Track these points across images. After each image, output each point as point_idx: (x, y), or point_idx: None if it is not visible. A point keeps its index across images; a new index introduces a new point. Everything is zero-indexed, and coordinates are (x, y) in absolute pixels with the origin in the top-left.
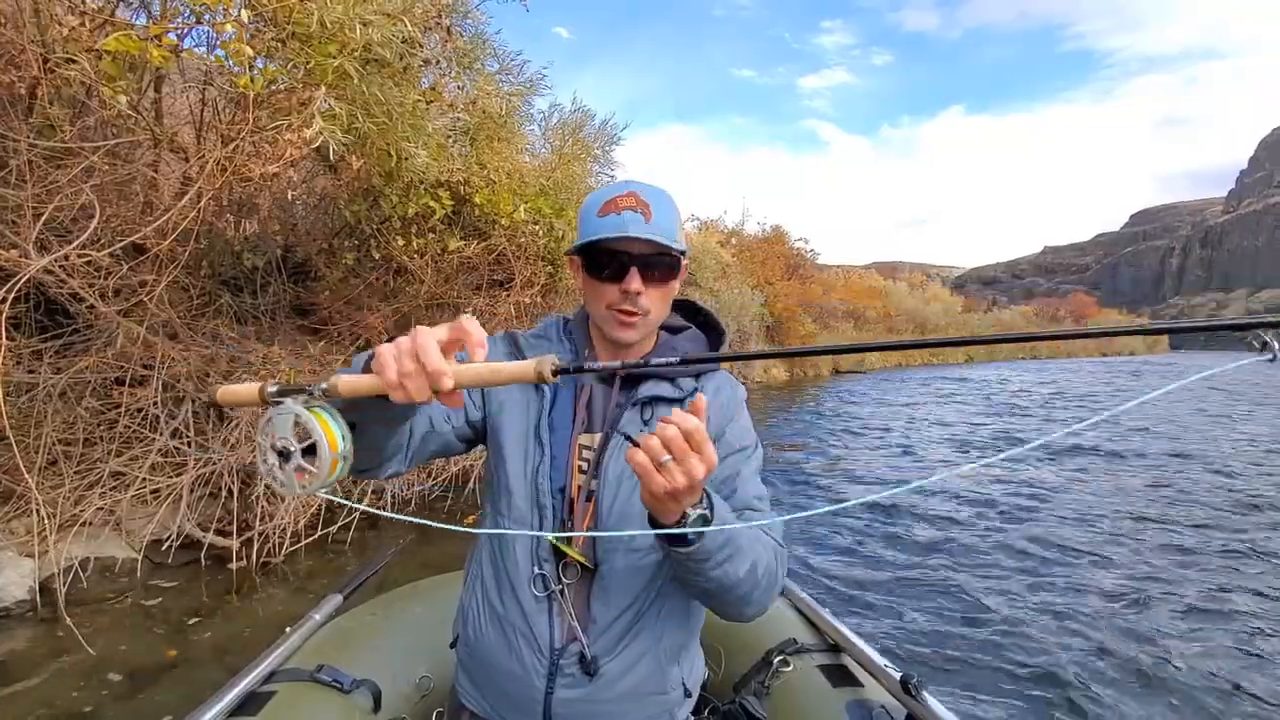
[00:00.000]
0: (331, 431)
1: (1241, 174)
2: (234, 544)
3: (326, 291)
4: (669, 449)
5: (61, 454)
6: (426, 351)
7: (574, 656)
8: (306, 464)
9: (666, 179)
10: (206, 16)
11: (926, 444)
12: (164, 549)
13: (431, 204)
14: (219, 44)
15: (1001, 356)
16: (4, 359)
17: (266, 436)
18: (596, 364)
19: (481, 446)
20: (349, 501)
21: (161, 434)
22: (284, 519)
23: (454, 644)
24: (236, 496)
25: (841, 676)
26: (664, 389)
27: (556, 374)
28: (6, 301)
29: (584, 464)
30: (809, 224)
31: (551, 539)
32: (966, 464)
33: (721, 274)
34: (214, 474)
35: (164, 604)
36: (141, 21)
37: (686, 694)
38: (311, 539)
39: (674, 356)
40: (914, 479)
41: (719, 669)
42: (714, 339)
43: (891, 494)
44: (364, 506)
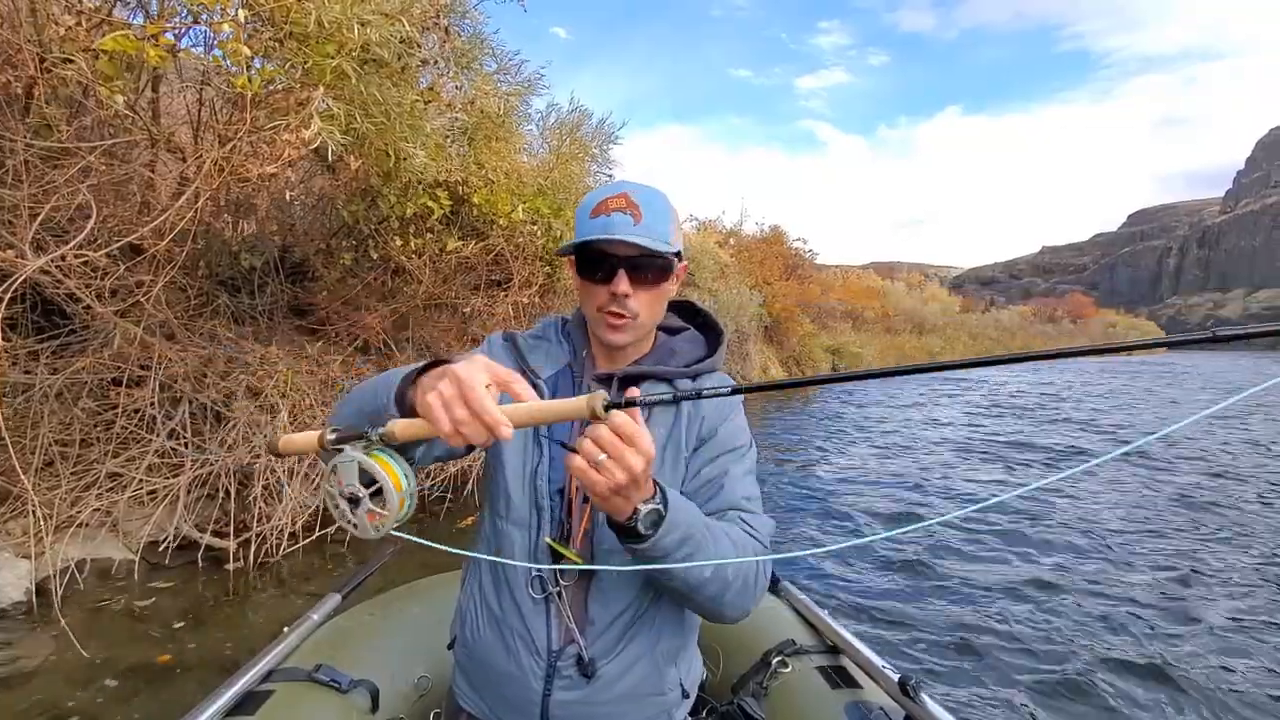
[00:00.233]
0: (395, 473)
1: (1239, 174)
2: (231, 545)
3: (324, 292)
4: (602, 447)
5: (58, 455)
6: (483, 405)
7: (571, 658)
8: (375, 507)
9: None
10: (204, 16)
11: (929, 445)
12: (161, 550)
13: (429, 204)
14: (216, 44)
15: None
16: (0, 360)
17: (334, 484)
18: (650, 398)
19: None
20: (420, 539)
21: (158, 435)
22: (281, 520)
23: (451, 645)
24: (234, 497)
25: (840, 678)
26: (661, 390)
27: (609, 409)
28: (3, 302)
29: None
30: (807, 224)
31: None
32: (1035, 481)
33: (720, 274)
34: (211, 475)
35: (161, 605)
36: (139, 21)
37: (684, 695)
38: (309, 539)
39: (671, 358)
40: (915, 480)
41: (717, 670)
42: (712, 340)
43: (965, 513)
44: (433, 543)
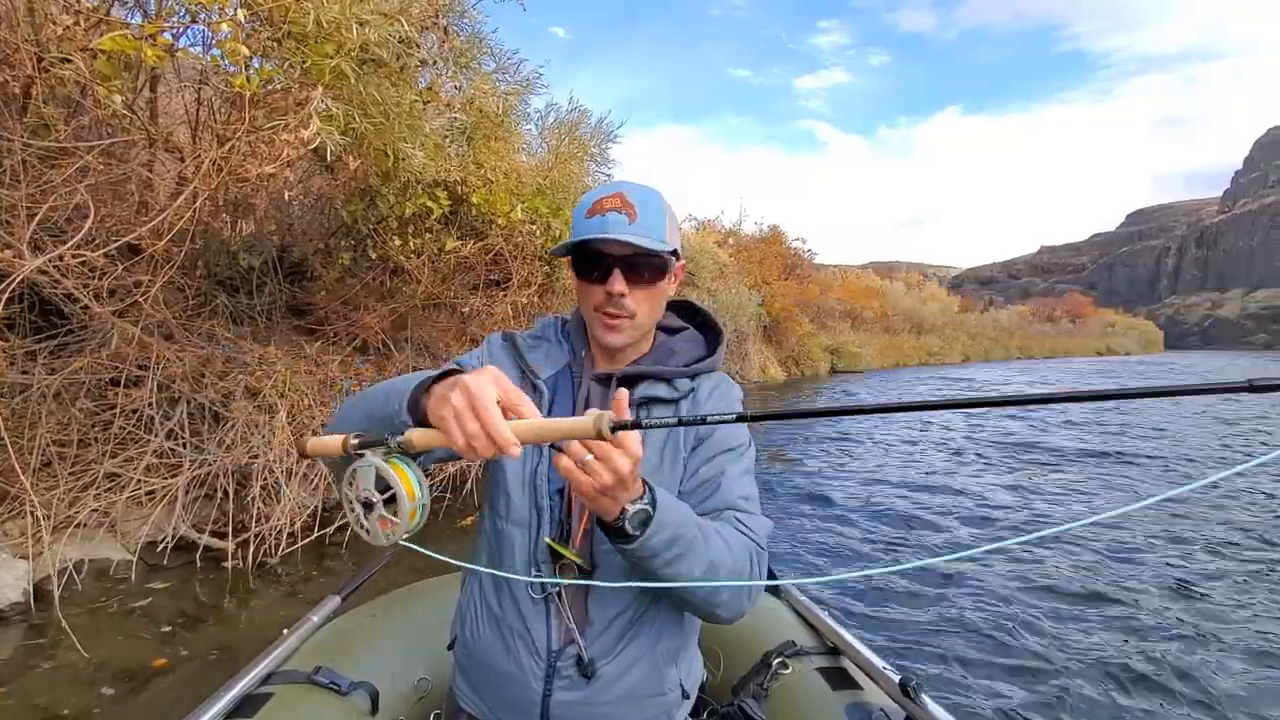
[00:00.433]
0: (410, 482)
1: (1237, 174)
2: (230, 545)
3: (323, 291)
4: (589, 449)
5: (56, 455)
6: (493, 423)
7: (571, 659)
8: (388, 514)
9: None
10: (202, 16)
11: (930, 446)
12: (159, 550)
13: (428, 204)
14: (214, 43)
15: (998, 356)
16: None
17: (351, 488)
18: (657, 419)
19: None
20: (430, 551)
21: (157, 435)
22: (280, 520)
23: (451, 646)
24: (232, 498)
25: (840, 679)
26: (660, 390)
27: (615, 430)
28: (0, 302)
29: None
30: (806, 224)
31: (547, 580)
32: (1115, 509)
33: (719, 274)
34: (210, 475)
35: (159, 605)
36: (137, 20)
37: (684, 696)
38: (308, 540)
39: (670, 358)
40: (918, 481)
41: (718, 671)
42: (711, 339)
43: (1041, 535)
44: (439, 555)
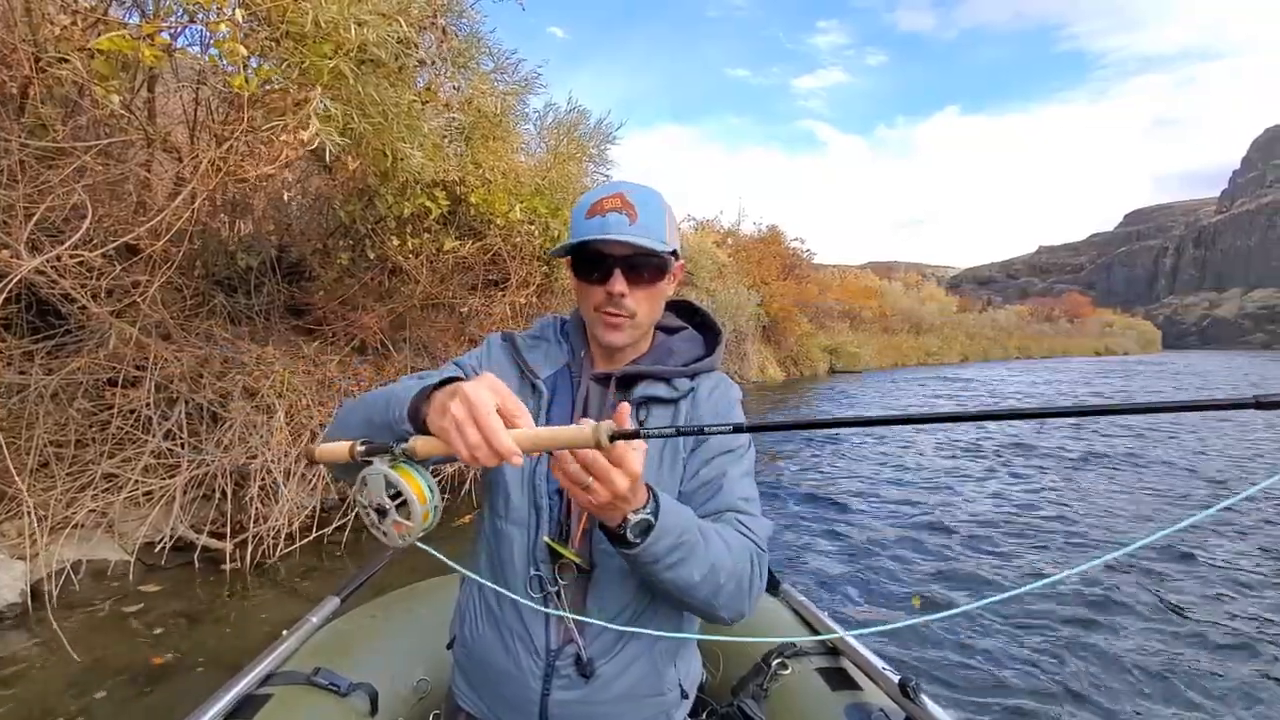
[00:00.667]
0: (420, 487)
1: (1235, 174)
2: (228, 546)
3: (321, 292)
4: (589, 470)
5: (53, 455)
6: (495, 433)
7: (570, 658)
8: (401, 518)
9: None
10: (200, 16)
11: (930, 448)
12: (157, 551)
13: (427, 204)
14: (212, 43)
15: (996, 356)
16: None
17: (364, 495)
18: (654, 428)
19: None
20: (443, 556)
21: (154, 435)
22: (278, 521)
23: (451, 645)
24: (230, 498)
25: (840, 679)
26: (659, 389)
27: (614, 439)
28: None
29: None
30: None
31: (541, 609)
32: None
33: (718, 274)
34: (208, 475)
35: (157, 606)
36: (134, 20)
37: (683, 695)
38: (306, 540)
39: (669, 358)
40: (921, 484)
41: (717, 671)
42: (710, 339)
43: (1142, 544)
44: (450, 561)
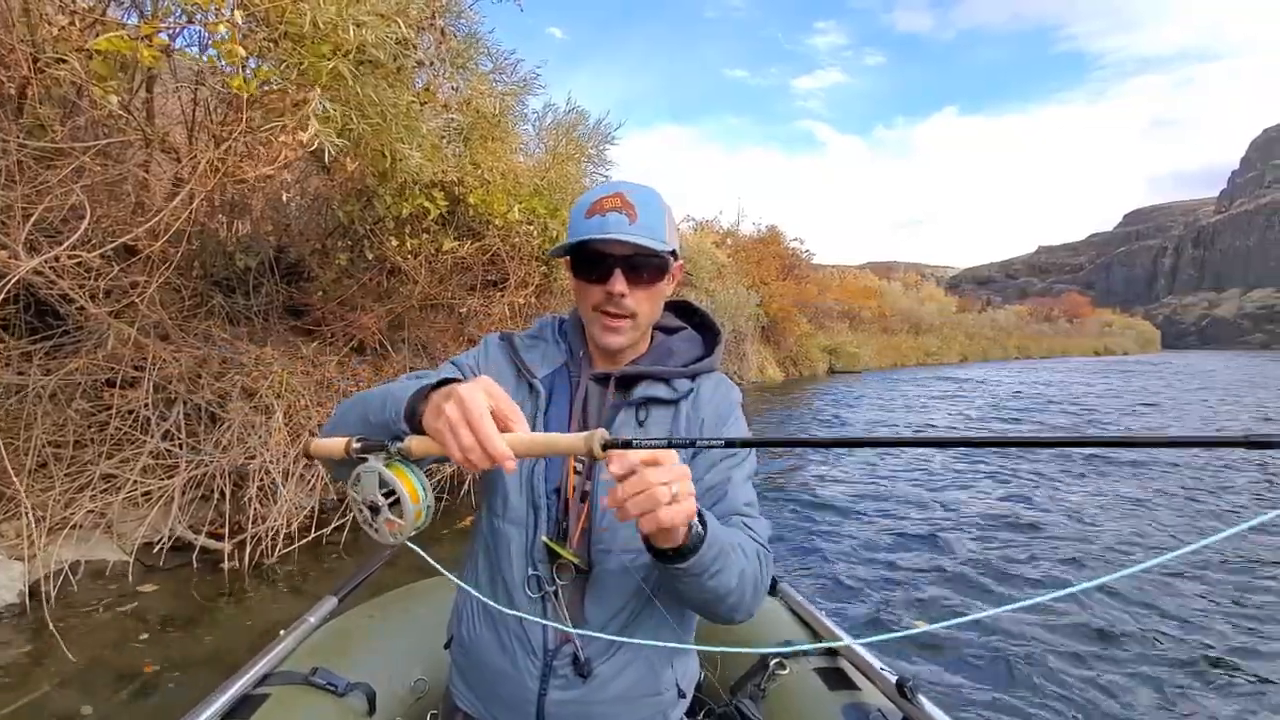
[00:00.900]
0: (413, 486)
1: (1233, 174)
2: (226, 546)
3: (320, 292)
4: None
5: (51, 456)
6: (489, 437)
7: (567, 658)
8: (393, 516)
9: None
10: (198, 16)
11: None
12: (155, 551)
13: (425, 204)
14: (211, 44)
15: (995, 356)
16: None
17: (357, 491)
18: (647, 439)
19: None
20: (433, 560)
21: (153, 436)
22: (277, 521)
23: (448, 645)
24: (229, 498)
25: (837, 679)
26: (659, 390)
27: (606, 448)
28: None
29: (579, 465)
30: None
31: (539, 622)
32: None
33: (717, 274)
34: (206, 476)
35: (156, 607)
36: (133, 21)
37: (680, 695)
38: (305, 540)
39: (668, 358)
40: (925, 485)
41: (715, 671)
42: (709, 339)
43: (1176, 555)
44: (440, 566)
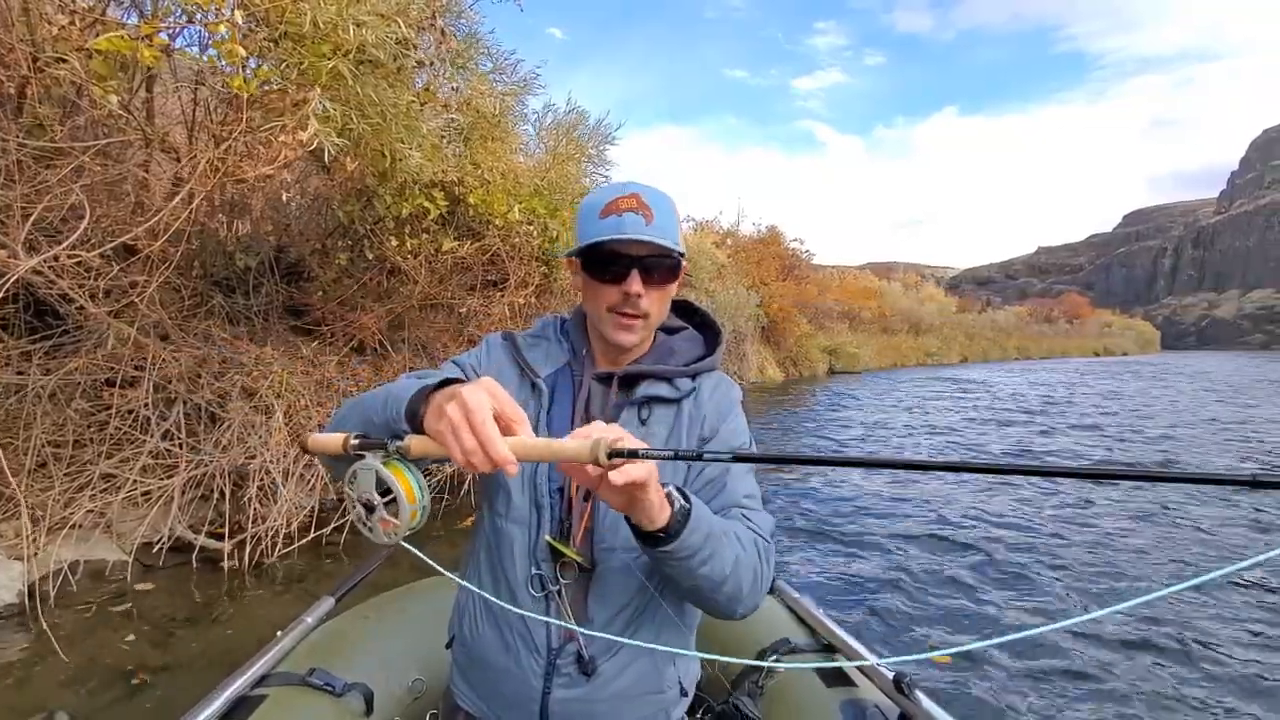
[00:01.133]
0: (409, 485)
1: (1233, 175)
2: (226, 546)
3: (320, 292)
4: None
5: (51, 456)
6: (491, 441)
7: (571, 656)
8: (389, 515)
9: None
10: (199, 16)
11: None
12: (155, 551)
13: (425, 204)
14: (211, 44)
15: (995, 357)
16: None
17: (353, 488)
18: (653, 449)
19: None
20: (426, 558)
21: (153, 435)
22: (276, 521)
23: (449, 644)
24: (228, 498)
25: (835, 676)
26: (661, 389)
27: (612, 457)
28: None
29: None
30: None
31: (541, 619)
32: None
33: (717, 274)
34: (206, 476)
35: (155, 607)
36: (133, 21)
37: (683, 693)
38: (305, 540)
39: (670, 358)
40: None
41: (713, 669)
42: (710, 338)
43: (1230, 572)
44: (437, 565)
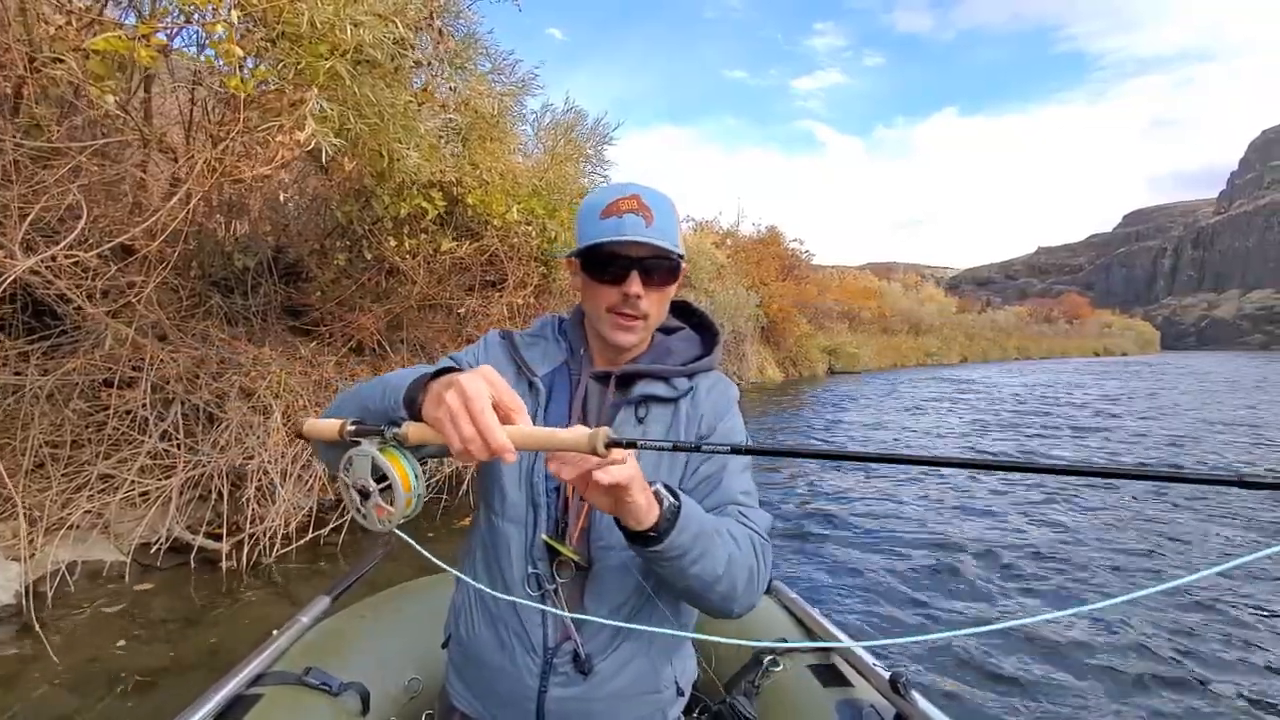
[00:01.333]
0: (405, 472)
1: (1233, 175)
2: (224, 546)
3: (318, 292)
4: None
5: (48, 456)
6: (489, 429)
7: (567, 655)
8: (383, 502)
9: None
10: (196, 16)
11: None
12: (153, 552)
13: (424, 204)
14: (208, 44)
15: (995, 357)
16: None
17: (348, 474)
18: (651, 440)
19: None
20: (419, 546)
21: (150, 436)
22: (274, 521)
23: (445, 644)
24: (226, 499)
25: (831, 676)
26: (658, 388)
27: (609, 447)
28: None
29: None
30: (804, 225)
31: (537, 606)
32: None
33: (717, 275)
34: (204, 476)
35: (152, 607)
36: (130, 21)
37: (679, 693)
38: (303, 541)
39: (668, 357)
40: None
41: (710, 668)
42: (707, 339)
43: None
44: (430, 555)
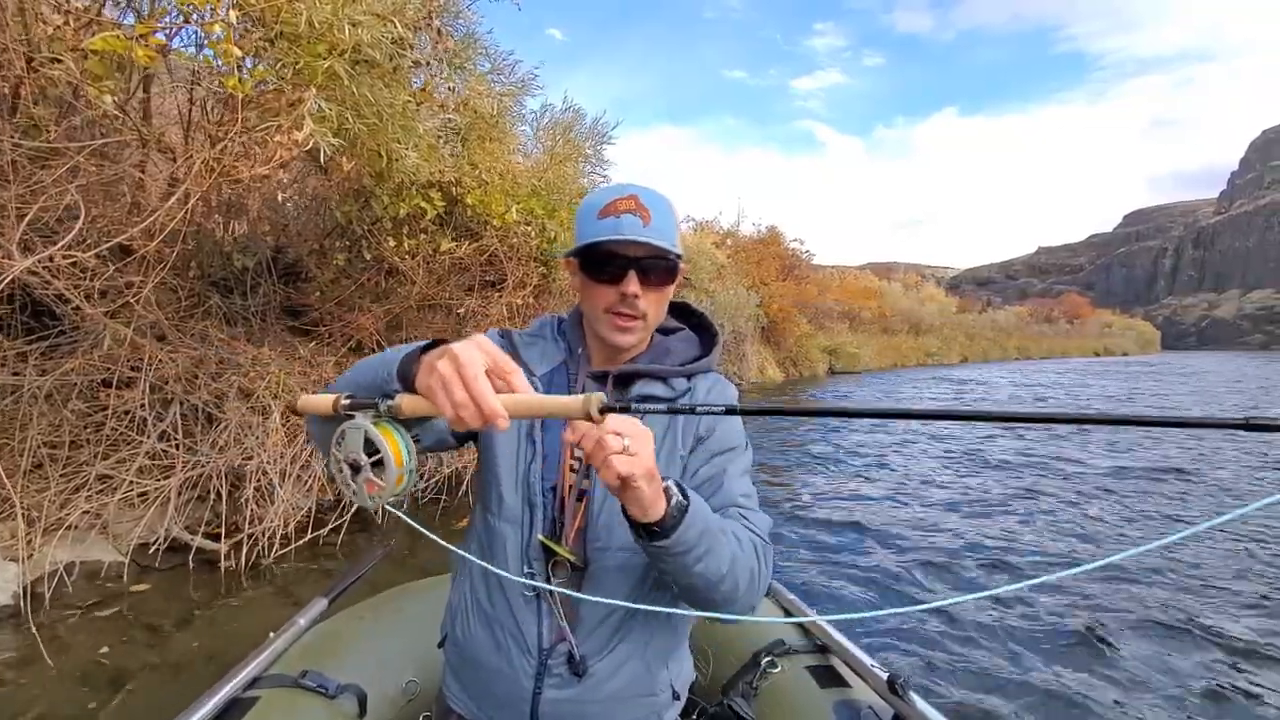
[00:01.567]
0: (398, 447)
1: (1233, 175)
2: (223, 547)
3: (317, 292)
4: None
5: (47, 457)
6: (481, 393)
7: (562, 656)
8: (375, 477)
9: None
10: (194, 16)
11: (927, 444)
12: (151, 552)
13: (423, 205)
14: (207, 44)
15: (995, 357)
16: None
17: (340, 449)
18: (646, 405)
19: (473, 444)
20: (412, 521)
21: (149, 436)
22: (273, 522)
23: (442, 644)
24: (225, 499)
25: (829, 677)
26: (657, 388)
27: (603, 412)
28: None
29: (575, 463)
30: (804, 225)
31: (536, 583)
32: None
33: (717, 275)
34: (203, 477)
35: (151, 607)
36: (129, 21)
37: (675, 696)
38: (301, 541)
39: (666, 358)
40: (914, 483)
41: (707, 671)
42: (706, 340)
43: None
44: (424, 529)
